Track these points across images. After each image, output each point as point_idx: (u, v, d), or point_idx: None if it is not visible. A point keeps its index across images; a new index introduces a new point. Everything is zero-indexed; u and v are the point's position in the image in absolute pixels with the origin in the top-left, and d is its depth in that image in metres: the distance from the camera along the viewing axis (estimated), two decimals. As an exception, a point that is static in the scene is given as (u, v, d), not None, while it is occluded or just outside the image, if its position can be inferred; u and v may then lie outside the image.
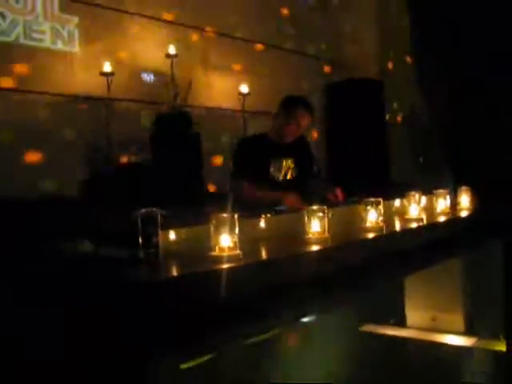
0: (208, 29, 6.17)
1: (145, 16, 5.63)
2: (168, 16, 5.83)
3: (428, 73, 8.70)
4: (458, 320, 4.19)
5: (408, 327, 4.24)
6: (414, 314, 4.29)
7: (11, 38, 4.88)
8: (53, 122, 4.92)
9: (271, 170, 3.98)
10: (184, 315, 1.67)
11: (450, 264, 4.10)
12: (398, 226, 3.21)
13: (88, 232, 2.36)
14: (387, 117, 7.82)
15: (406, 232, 3.10)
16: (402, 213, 3.43)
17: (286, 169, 4.05)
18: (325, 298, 2.29)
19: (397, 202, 3.67)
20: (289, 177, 4.05)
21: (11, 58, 4.84)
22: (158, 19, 5.73)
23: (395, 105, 8.33)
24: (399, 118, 8.46)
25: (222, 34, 6.27)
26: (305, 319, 3.15)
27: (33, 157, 4.70)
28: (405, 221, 3.30)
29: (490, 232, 4.06)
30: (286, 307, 2.10)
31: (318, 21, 7.76)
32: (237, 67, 6.41)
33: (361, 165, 6.42)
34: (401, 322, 4.25)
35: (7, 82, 4.72)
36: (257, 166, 3.89)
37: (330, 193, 3.93)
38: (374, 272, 2.60)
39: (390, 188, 3.74)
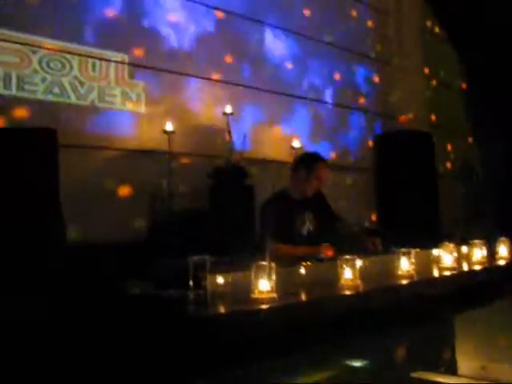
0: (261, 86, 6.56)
1: (202, 77, 6.07)
2: (223, 77, 6.25)
3: (484, 130, 8.87)
4: (509, 370, 4.23)
5: (459, 375, 4.11)
6: (465, 363, 4.20)
7: (87, 102, 5.44)
8: (119, 174, 5.36)
9: (295, 225, 4.13)
10: (226, 347, 1.99)
11: (500, 313, 4.18)
12: (429, 274, 3.40)
13: (148, 274, 2.70)
14: (437, 168, 7.91)
15: (436, 279, 3.30)
16: (438, 261, 3.63)
17: (308, 222, 4.26)
18: (352, 339, 2.52)
19: (434, 252, 3.83)
20: (311, 229, 4.19)
21: (87, 119, 5.36)
22: (214, 80, 6.18)
23: (445, 157, 8.43)
24: (450, 170, 8.54)
25: (275, 93, 6.63)
26: (355, 363, 3.28)
27: (102, 205, 5.12)
28: (439, 269, 3.49)
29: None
30: (314, 344, 2.37)
31: (368, 74, 8.03)
32: (289, 122, 6.75)
33: (410, 215, 6.51)
34: (452, 370, 4.11)
35: (84, 140, 5.21)
36: (282, 223, 4.02)
37: (368, 242, 4.14)
38: (401, 318, 2.80)
39: (438, 238, 3.89)
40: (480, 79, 8.81)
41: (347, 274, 2.72)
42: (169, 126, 5.42)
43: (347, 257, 2.76)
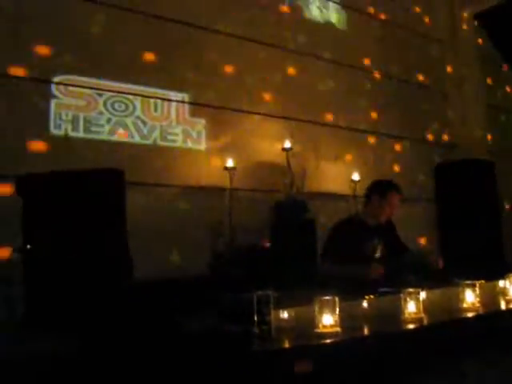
0: (320, 121, 6.64)
1: (259, 114, 6.22)
2: (282, 112, 6.37)
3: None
4: None
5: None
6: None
7: (150, 141, 5.63)
8: (182, 210, 5.48)
9: (363, 250, 4.18)
10: (291, 382, 2.02)
11: None
12: (495, 306, 3.34)
13: (212, 310, 2.76)
14: (501, 197, 7.76)
15: (503, 312, 3.25)
16: (504, 293, 3.56)
17: (377, 248, 4.29)
18: (418, 375, 2.50)
19: (501, 283, 3.75)
20: (378, 255, 4.24)
21: (150, 157, 5.55)
22: (274, 116, 6.29)
23: (509, 184, 8.25)
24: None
25: (333, 126, 6.71)
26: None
27: (165, 241, 5.25)
28: (506, 301, 3.43)
29: None
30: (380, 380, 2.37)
31: (426, 105, 8.01)
32: (348, 156, 6.80)
33: (473, 245, 6.40)
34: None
35: (145, 177, 5.38)
36: (351, 246, 4.06)
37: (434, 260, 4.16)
38: (468, 352, 2.76)
39: (504, 270, 3.82)
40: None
41: (410, 307, 2.72)
42: (229, 163, 5.55)
43: (410, 290, 2.76)
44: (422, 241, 7.21)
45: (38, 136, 4.98)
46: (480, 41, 8.86)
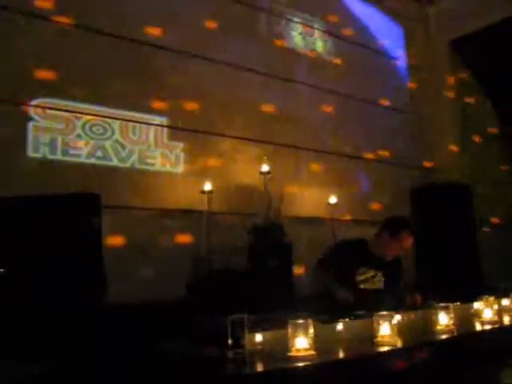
0: (298, 145, 6.69)
1: (237, 137, 6.25)
2: (260, 135, 6.42)
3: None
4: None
5: None
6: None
7: (128, 165, 5.64)
8: (159, 233, 5.48)
9: (359, 277, 4.08)
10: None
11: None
12: (470, 328, 3.38)
13: (187, 333, 2.76)
14: (477, 219, 7.84)
15: (476, 334, 3.29)
16: (478, 315, 3.60)
17: (374, 281, 4.22)
18: None
19: (475, 305, 3.80)
20: (374, 287, 4.11)
21: (128, 180, 5.55)
22: (250, 139, 6.33)
23: (485, 208, 8.35)
24: (491, 221, 8.45)
25: (311, 150, 6.76)
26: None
27: (142, 264, 5.22)
28: (479, 323, 3.47)
29: None
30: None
31: (403, 129, 8.12)
32: (325, 179, 6.84)
33: (450, 268, 6.43)
34: None
35: (124, 201, 5.37)
36: (347, 267, 4.02)
37: (410, 297, 4.13)
38: (441, 373, 2.79)
39: (481, 292, 3.86)
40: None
41: (384, 329, 2.74)
42: (207, 186, 5.56)
43: (384, 313, 2.78)
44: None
45: (15, 159, 4.96)
46: (456, 66, 9.01)
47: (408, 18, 8.85)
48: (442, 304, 3.19)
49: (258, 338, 2.54)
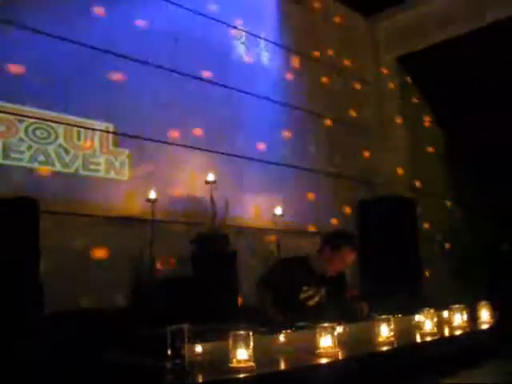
0: (244, 154, 6.69)
1: (185, 146, 6.18)
2: (206, 144, 6.37)
3: (465, 194, 9.05)
4: None
5: None
6: None
7: (72, 170, 5.50)
8: (102, 241, 5.37)
9: (301, 294, 4.01)
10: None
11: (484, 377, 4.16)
12: (410, 340, 3.42)
13: (128, 343, 2.71)
14: (419, 233, 7.99)
15: (416, 345, 3.33)
16: (419, 327, 3.66)
17: (318, 297, 4.17)
18: None
19: (416, 317, 3.85)
20: (313, 303, 4.05)
21: (71, 186, 5.42)
22: (198, 148, 6.27)
23: (428, 222, 8.53)
24: (433, 235, 8.63)
25: (258, 160, 6.77)
26: None
27: (84, 272, 5.10)
28: (420, 335, 3.52)
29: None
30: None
31: (350, 142, 8.22)
32: (272, 190, 6.84)
33: (393, 280, 6.51)
34: None
35: (66, 207, 5.24)
36: (287, 286, 3.95)
37: (356, 306, 4.13)
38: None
39: (421, 304, 3.92)
40: (459, 144, 9.05)
41: (326, 341, 2.74)
42: (152, 194, 5.48)
43: (325, 324, 2.78)
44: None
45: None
46: (402, 82, 9.19)
47: (357, 32, 8.99)
48: (383, 316, 3.22)
49: (199, 348, 2.50)
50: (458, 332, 3.79)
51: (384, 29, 9.18)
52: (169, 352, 2.33)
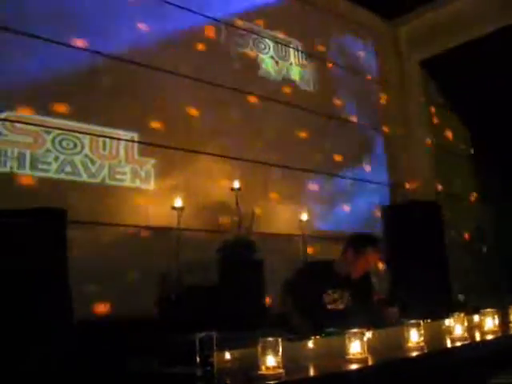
0: (269, 161, 6.69)
1: (210, 154, 6.22)
2: (231, 152, 6.40)
3: (495, 195, 8.96)
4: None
5: None
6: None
7: (98, 180, 5.55)
8: (129, 250, 5.39)
9: (326, 298, 4.02)
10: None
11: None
12: (440, 345, 3.38)
13: (156, 350, 2.71)
14: (448, 238, 7.90)
15: (447, 351, 3.28)
16: (449, 332, 3.61)
17: (340, 299, 4.16)
18: None
19: (446, 322, 3.81)
20: (339, 307, 4.05)
21: (98, 196, 5.47)
22: (223, 156, 6.30)
23: (456, 226, 8.44)
24: (461, 238, 8.54)
25: (282, 166, 6.76)
26: None
27: (112, 281, 5.13)
28: (450, 340, 3.47)
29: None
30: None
31: (376, 147, 8.18)
32: (296, 196, 6.82)
33: (421, 285, 6.45)
34: None
35: (93, 216, 5.28)
36: (312, 291, 3.97)
37: (387, 311, 4.12)
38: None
39: (451, 308, 3.89)
40: (486, 144, 8.96)
41: (355, 347, 2.72)
42: (178, 202, 5.50)
43: (354, 330, 2.76)
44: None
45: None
46: (427, 86, 9.13)
47: (379, 37, 8.95)
48: (412, 321, 3.18)
49: (227, 355, 2.50)
50: (489, 336, 3.74)
51: (406, 32, 9.13)
52: (198, 359, 2.32)
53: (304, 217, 6.21)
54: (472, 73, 8.02)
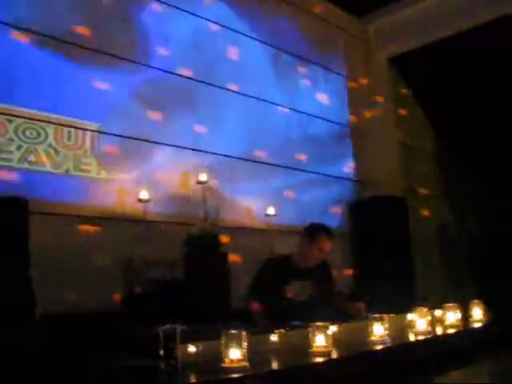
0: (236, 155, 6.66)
1: (176, 146, 6.15)
2: (199, 144, 6.34)
3: (457, 189, 9.08)
4: None
5: None
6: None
7: (62, 170, 5.44)
8: (93, 242, 5.28)
9: (289, 291, 4.15)
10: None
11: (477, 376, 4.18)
12: (403, 339, 3.42)
13: (120, 343, 2.69)
14: (412, 232, 8.00)
15: (409, 344, 3.33)
16: (412, 326, 3.66)
17: (305, 290, 4.27)
18: None
19: (409, 316, 3.87)
20: (302, 298, 4.18)
21: (62, 186, 5.36)
22: (189, 148, 6.24)
23: (420, 220, 8.53)
24: (425, 234, 8.63)
25: (248, 160, 6.74)
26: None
27: (75, 274, 5.04)
28: (413, 334, 3.52)
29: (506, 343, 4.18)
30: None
31: (341, 142, 8.21)
32: (263, 190, 6.81)
33: (386, 280, 6.52)
34: None
35: (56, 208, 5.18)
36: (276, 285, 4.11)
37: (352, 306, 4.19)
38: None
39: (414, 302, 3.95)
40: (452, 142, 9.07)
41: (319, 340, 2.73)
42: (143, 194, 5.43)
43: (318, 323, 2.77)
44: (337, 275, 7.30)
45: None
46: (395, 83, 9.19)
47: (348, 33, 8.98)
48: (376, 315, 3.22)
49: (191, 348, 2.49)
50: (451, 331, 3.81)
51: (375, 29, 9.18)
52: (161, 352, 2.31)
53: (270, 211, 6.21)
54: (440, 71, 8.10)
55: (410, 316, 3.83)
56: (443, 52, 7.99)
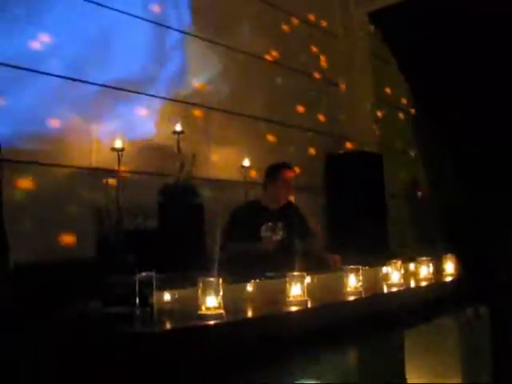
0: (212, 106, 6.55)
1: (152, 95, 6.02)
2: (173, 94, 6.22)
3: (431, 149, 9.15)
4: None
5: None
6: (413, 379, 4.37)
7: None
8: (67, 191, 5.21)
9: (262, 233, 4.25)
10: (172, 363, 1.96)
11: (446, 331, 4.28)
12: (377, 291, 3.48)
13: (95, 291, 2.67)
14: (387, 189, 8.05)
15: (383, 296, 3.38)
16: (386, 279, 3.72)
17: (279, 230, 4.34)
18: (298, 357, 2.51)
19: (384, 269, 3.93)
20: (278, 238, 4.29)
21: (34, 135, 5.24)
22: (164, 98, 6.11)
23: (394, 177, 8.59)
24: (399, 190, 8.72)
25: (225, 111, 6.66)
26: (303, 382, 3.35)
27: (48, 223, 4.99)
28: (387, 286, 3.57)
29: (476, 297, 4.29)
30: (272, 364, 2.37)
31: (318, 95, 8.15)
32: (239, 142, 6.75)
33: (360, 235, 6.57)
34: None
35: (29, 156, 5.07)
36: (248, 230, 4.18)
37: (329, 258, 4.26)
38: (348, 334, 2.84)
39: (387, 257, 4.00)
40: (427, 101, 9.08)
41: (295, 290, 2.74)
42: (118, 143, 5.34)
43: (295, 273, 2.78)
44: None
45: None
46: (372, 38, 9.10)
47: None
48: (351, 266, 3.24)
49: (167, 296, 2.49)
50: (423, 283, 3.88)
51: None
52: (137, 300, 2.30)
53: (246, 163, 6.17)
54: (420, 29, 8.01)
55: (384, 269, 3.89)
56: (426, 8, 7.87)
